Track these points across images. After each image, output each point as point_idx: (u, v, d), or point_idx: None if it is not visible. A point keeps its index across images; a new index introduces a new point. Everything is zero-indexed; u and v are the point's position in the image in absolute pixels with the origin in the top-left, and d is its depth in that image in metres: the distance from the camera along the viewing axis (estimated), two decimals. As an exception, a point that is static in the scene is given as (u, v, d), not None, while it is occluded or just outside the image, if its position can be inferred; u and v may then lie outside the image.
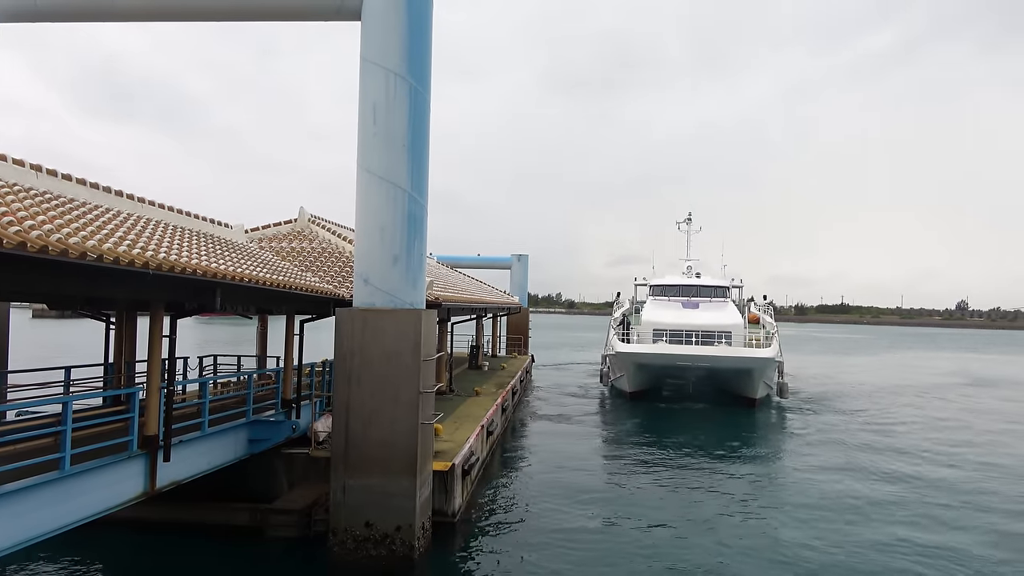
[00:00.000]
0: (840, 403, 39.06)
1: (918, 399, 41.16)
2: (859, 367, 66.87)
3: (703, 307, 41.82)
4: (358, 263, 14.36)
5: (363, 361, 13.81)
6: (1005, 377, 59.48)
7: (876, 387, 47.90)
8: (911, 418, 33.74)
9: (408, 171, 14.20)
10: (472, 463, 17.91)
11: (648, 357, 35.44)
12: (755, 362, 34.35)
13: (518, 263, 57.15)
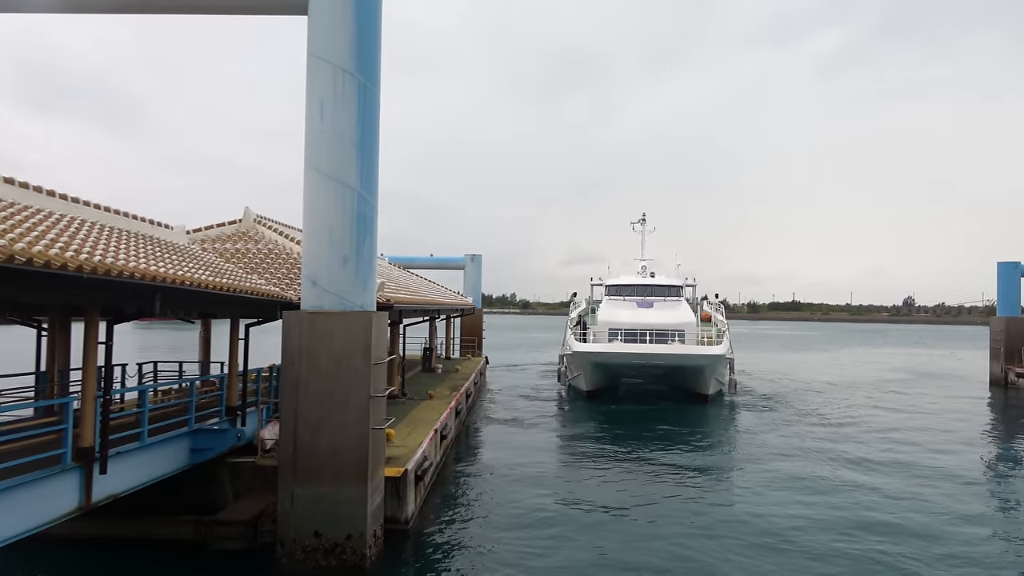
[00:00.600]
0: (790, 399, 40.15)
1: (869, 395, 42.45)
2: (811, 364, 68.70)
3: (657, 306, 42.66)
4: (306, 264, 14.20)
5: (311, 365, 13.67)
6: (950, 370, 61.83)
7: (827, 383, 49.28)
8: (863, 414, 34.82)
9: (357, 169, 14.08)
10: (425, 468, 17.83)
11: (604, 356, 36.01)
12: (706, 359, 35.21)
13: (471, 263, 57.10)
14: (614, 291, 45.88)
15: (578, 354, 36.75)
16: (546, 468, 22.14)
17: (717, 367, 36.66)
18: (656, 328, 37.94)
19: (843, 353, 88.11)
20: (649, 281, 46.34)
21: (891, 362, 72.03)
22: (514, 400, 37.83)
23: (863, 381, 51.21)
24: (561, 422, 31.62)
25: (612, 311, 41.39)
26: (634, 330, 37.76)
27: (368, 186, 14.33)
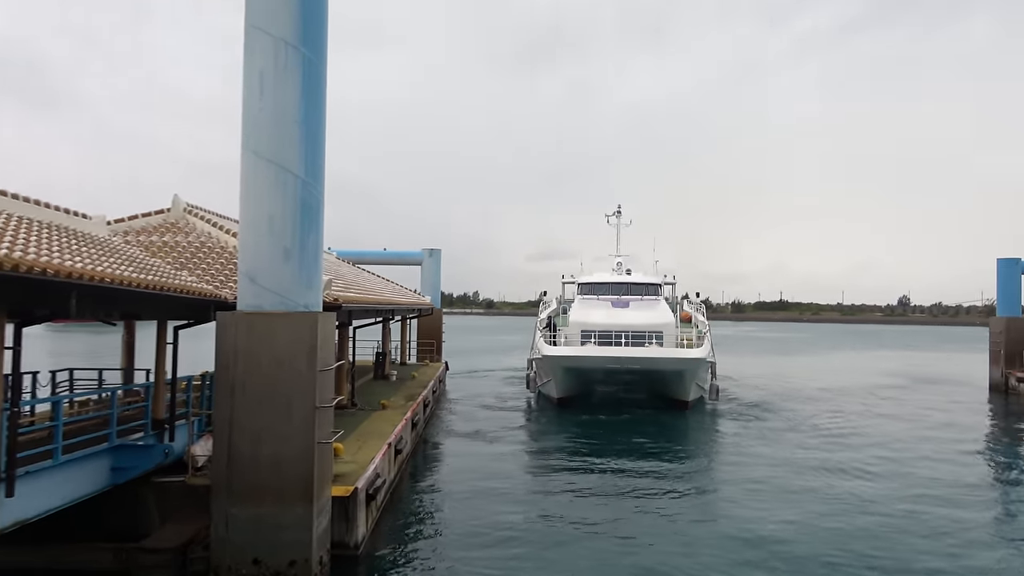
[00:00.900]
0: (777, 406, 40.85)
1: (863, 402, 43.33)
2: (800, 368, 69.97)
3: (634, 306, 43.22)
4: (243, 259, 14.08)
5: (249, 372, 13.58)
6: (948, 375, 63.49)
7: (817, 389, 50.29)
8: (856, 423, 35.57)
9: (301, 152, 13.99)
10: (378, 487, 17.78)
11: (576, 360, 36.44)
12: (686, 363, 35.90)
13: (430, 258, 57.04)
14: (587, 290, 46.40)
15: (548, 358, 37.08)
16: (512, 485, 22.24)
17: (698, 372, 37.24)
18: (632, 330, 38.46)
19: (834, 356, 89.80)
20: (625, 279, 46.95)
21: (885, 366, 73.73)
22: (477, 410, 37.87)
23: (856, 387, 52.31)
24: (529, 434, 31.72)
25: (585, 311, 41.85)
26: (609, 332, 38.18)
27: (313, 171, 14.24)
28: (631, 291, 45.82)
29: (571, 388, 39.08)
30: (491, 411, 37.69)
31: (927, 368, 71.95)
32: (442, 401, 40.69)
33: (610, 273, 49.54)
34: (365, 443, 20.59)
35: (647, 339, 38.10)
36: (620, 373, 37.57)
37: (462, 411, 37.33)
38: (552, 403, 39.71)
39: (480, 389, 46.89)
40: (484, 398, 42.51)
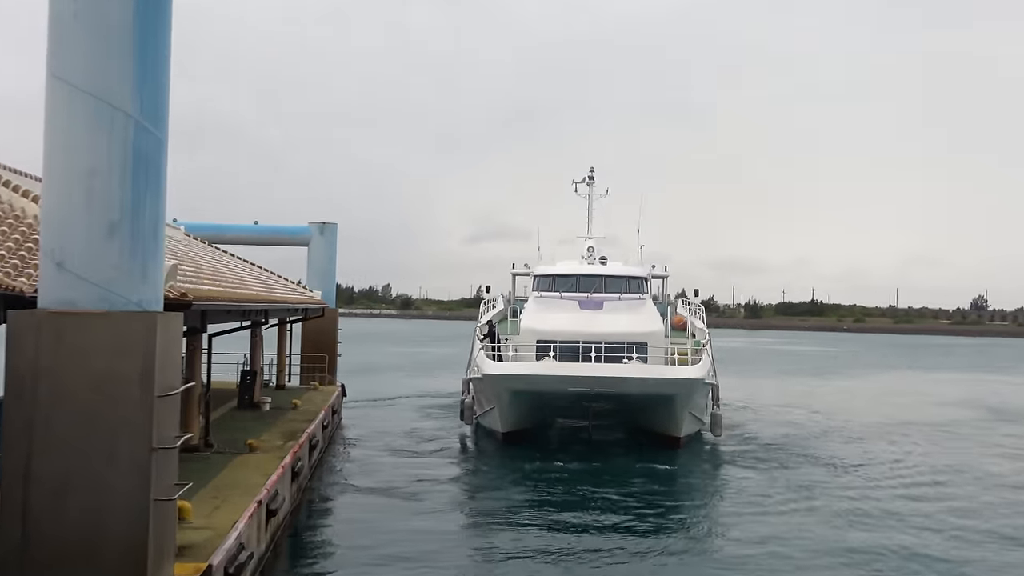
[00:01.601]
0: (805, 448, 41.58)
1: (926, 448, 43.91)
2: (838, 394, 71.46)
3: (609, 308, 44.04)
4: (47, 235, 13.90)
5: (55, 396, 13.43)
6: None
7: (861, 425, 51.22)
8: (916, 476, 36.17)
9: (134, 81, 13.85)
10: (242, 563, 17.67)
11: (529, 381, 36.99)
12: (678, 385, 36.88)
13: (321, 237, 56.59)
14: (546, 284, 47.22)
15: (490, 378, 37.66)
16: (434, 564, 22.19)
17: (693, 397, 38.26)
18: (607, 340, 39.09)
19: (887, 378, 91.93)
20: (598, 270, 47.83)
21: (955, 393, 75.74)
22: (387, 454, 37.81)
23: (916, 422, 53.49)
24: (461, 488, 31.75)
25: (542, 314, 42.57)
26: (574, 342, 38.65)
27: (152, 110, 14.13)
28: (606, 287, 46.68)
29: (521, 419, 39.74)
30: (407, 455, 37.69)
31: (1014, 398, 73.75)
32: (336, 441, 40.70)
33: (578, 262, 50.05)
34: (225, 501, 20.41)
35: (626, 352, 38.81)
36: (589, 399, 38.09)
37: (365, 456, 37.21)
38: (495, 440, 40.14)
39: (392, 423, 46.93)
40: (397, 436, 42.57)
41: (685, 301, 52.06)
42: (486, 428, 42.29)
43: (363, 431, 43.99)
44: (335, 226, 57.25)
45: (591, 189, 55.18)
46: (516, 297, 53.36)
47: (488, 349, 40.34)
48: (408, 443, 40.82)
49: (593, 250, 51.33)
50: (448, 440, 41.76)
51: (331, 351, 53.41)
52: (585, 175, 55.64)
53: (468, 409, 42.04)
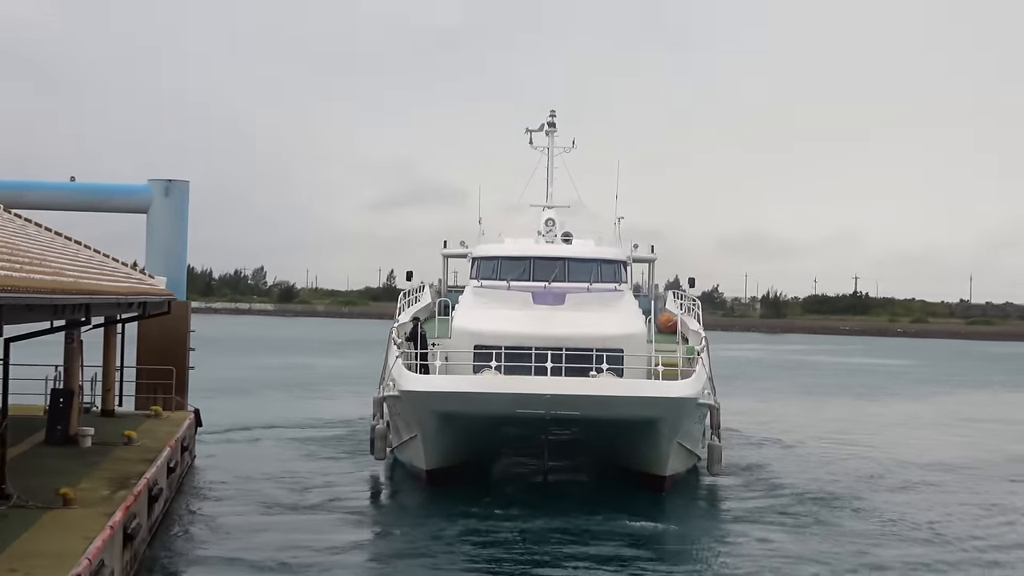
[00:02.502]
0: (845, 496, 41.79)
1: (1014, 500, 44.09)
2: (889, 422, 72.55)
3: (574, 302, 45.18)
4: None
5: None
6: None
7: (925, 465, 51.56)
8: (1005, 536, 36.22)
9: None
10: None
11: (463, 401, 37.45)
12: (662, 406, 37.57)
13: (166, 201, 55.57)
14: (490, 269, 48.50)
15: (411, 397, 38.34)
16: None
17: (682, 422, 38.90)
18: (569, 345, 40.20)
19: (955, 400, 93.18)
20: (561, 251, 49.27)
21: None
22: (259, 509, 37.40)
23: (998, 460, 53.89)
24: (368, 556, 31.70)
25: (482, 311, 43.96)
26: (525, 349, 39.50)
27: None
28: (570, 273, 47.75)
29: (452, 453, 40.31)
30: (287, 511, 37.29)
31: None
32: (187, 491, 40.34)
33: (533, 240, 51.21)
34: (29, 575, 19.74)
35: (595, 363, 39.51)
36: (544, 426, 38.58)
37: (227, 512, 36.75)
38: (417, 482, 40.66)
39: (267, 464, 46.78)
40: (274, 482, 42.34)
41: (678, 294, 52.28)
42: (405, 466, 42.74)
43: (225, 475, 43.53)
44: (186, 185, 56.23)
45: (551, 140, 55.83)
46: (449, 287, 53.45)
47: (408, 357, 40.47)
48: (289, 492, 40.42)
49: (553, 223, 52.11)
50: (346, 486, 41.64)
51: (180, 362, 52.51)
52: (543, 121, 56.24)
53: (380, 439, 42.22)
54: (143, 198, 55.74)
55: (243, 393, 78.65)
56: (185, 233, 56.20)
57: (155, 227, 55.55)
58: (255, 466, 45.94)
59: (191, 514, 36.25)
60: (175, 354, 52.38)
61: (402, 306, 48.58)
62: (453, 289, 52.59)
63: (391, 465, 43.39)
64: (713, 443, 40.65)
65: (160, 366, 51.07)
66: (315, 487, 41.43)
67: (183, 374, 52.44)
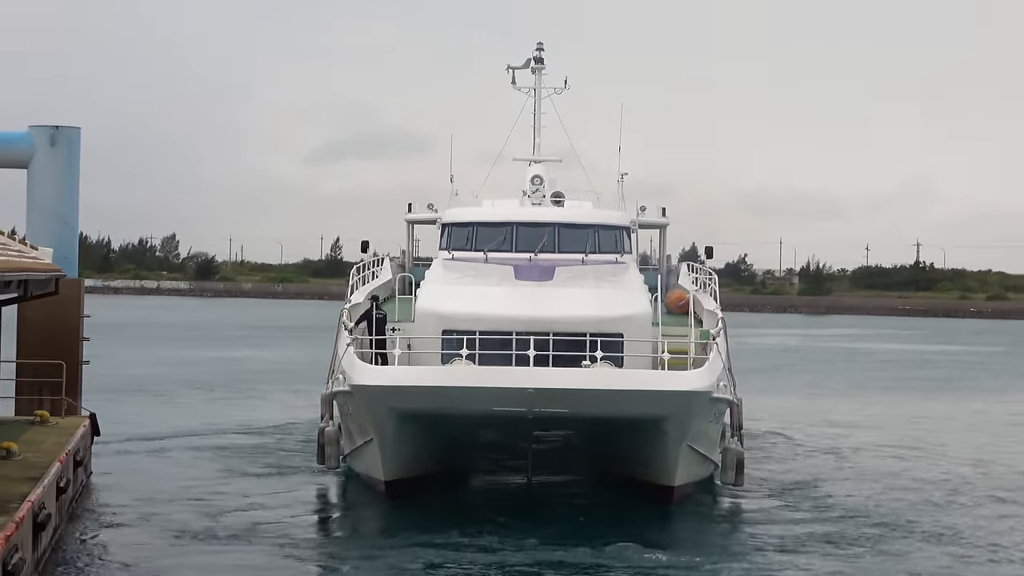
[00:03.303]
0: (906, 514, 42.14)
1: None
2: (962, 426, 72.95)
3: (565, 277, 45.98)
4: None
5: None
6: None
7: (1011, 479, 51.88)
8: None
9: None
10: None
11: (428, 397, 38.47)
12: (668, 402, 38.33)
13: (51, 151, 55.51)
14: (463, 238, 49.69)
15: (365, 392, 39.09)
16: None
17: (693, 420, 39.46)
18: (557, 330, 40.90)
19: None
20: (549, 215, 50.37)
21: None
22: (170, 538, 37.47)
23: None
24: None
25: (453, 288, 44.76)
26: (504, 334, 40.38)
27: None
28: (561, 242, 48.98)
29: (416, 460, 41.26)
30: (211, 538, 37.36)
31: None
32: (82, 516, 40.40)
33: (518, 202, 52.46)
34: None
35: (589, 350, 39.81)
36: (528, 426, 39.70)
37: (132, 543, 36.88)
38: (373, 495, 41.53)
39: (181, 481, 47.00)
40: (194, 503, 42.55)
41: (692, 266, 52.71)
42: (358, 476, 43.55)
43: (129, 496, 43.57)
44: (77, 132, 56.24)
45: (538, 79, 56.61)
46: (416, 260, 53.81)
47: (361, 345, 41.18)
48: (208, 516, 40.45)
49: (541, 182, 52.75)
50: (281, 508, 41.76)
51: (71, 356, 52.39)
52: (529, 56, 56.90)
53: (331, 444, 42.42)
54: (22, 149, 55.52)
55: (150, 394, 78.70)
56: (76, 193, 56.07)
57: (38, 185, 55.37)
58: (166, 484, 46.03)
59: (86, 545, 36.36)
60: (65, 346, 52.14)
61: (355, 283, 49.07)
62: (420, 262, 52.75)
63: (345, 478, 44.07)
64: (730, 446, 41.00)
65: (46, 360, 51.01)
66: (242, 509, 41.57)
67: (75, 370, 52.29)
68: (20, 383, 50.86)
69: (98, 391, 53.62)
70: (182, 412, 69.58)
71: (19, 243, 46.92)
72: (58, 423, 46.22)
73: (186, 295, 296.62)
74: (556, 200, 51.79)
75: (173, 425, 62.44)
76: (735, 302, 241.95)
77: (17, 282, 40.06)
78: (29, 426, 45.07)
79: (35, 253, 46.08)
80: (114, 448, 52.00)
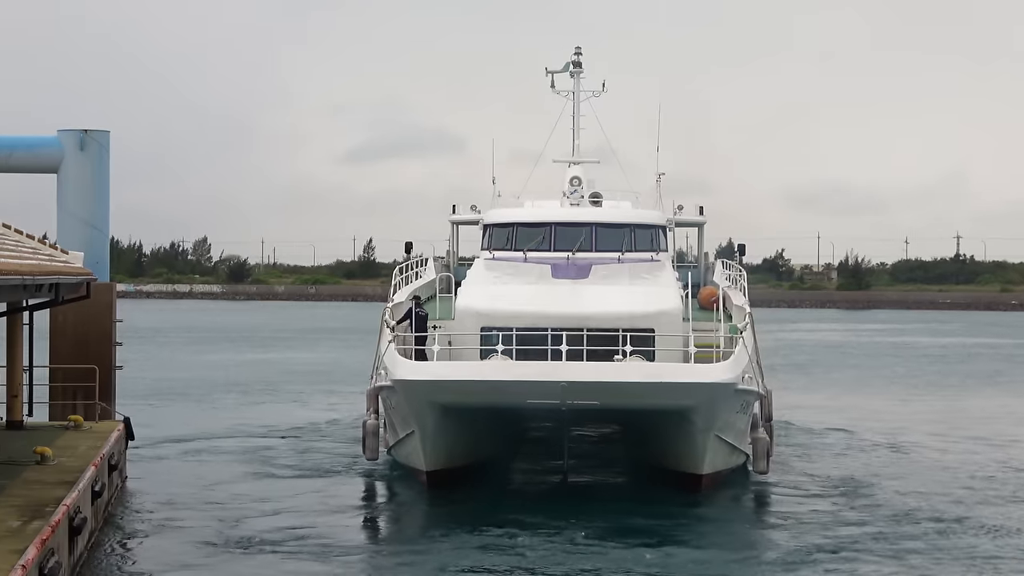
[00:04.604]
0: (947, 511, 41.89)
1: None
2: (1012, 418, 72.71)
3: (600, 275, 47.44)
4: None
5: None
6: None
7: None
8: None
9: None
10: None
11: (466, 391, 39.99)
12: (694, 393, 40.01)
13: (81, 156, 55.51)
14: (503, 239, 51.32)
15: (406, 387, 40.40)
16: None
17: (719, 411, 41.04)
18: (591, 325, 41.72)
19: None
20: (586, 215, 51.85)
21: None
22: (213, 540, 37.35)
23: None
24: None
25: (492, 287, 46.17)
26: (539, 330, 41.20)
27: None
28: (598, 241, 50.48)
29: (456, 452, 42.87)
30: (250, 541, 37.26)
31: None
32: (117, 521, 40.32)
33: (556, 202, 53.91)
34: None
35: (621, 344, 40.94)
36: (562, 419, 41.44)
37: (173, 544, 36.95)
38: (416, 485, 42.72)
39: (218, 484, 47.00)
40: (230, 506, 42.58)
41: (727, 263, 53.68)
42: (401, 465, 44.90)
43: (165, 500, 43.59)
44: (106, 136, 56.17)
45: (577, 82, 57.61)
46: (460, 259, 54.85)
47: (405, 342, 42.46)
48: (246, 519, 40.47)
49: (580, 183, 54.14)
50: (317, 510, 41.62)
51: (104, 360, 52.48)
52: (567, 60, 57.81)
53: (371, 435, 43.81)
54: (53, 153, 55.55)
55: (184, 397, 78.87)
56: (106, 197, 56.13)
57: (68, 189, 55.42)
58: (201, 488, 46.15)
59: (123, 550, 36.34)
60: (98, 350, 52.27)
61: (398, 283, 49.97)
62: (465, 262, 53.58)
63: (391, 468, 45.34)
64: (758, 435, 42.68)
65: (79, 365, 51.02)
66: (277, 512, 41.54)
67: (108, 375, 52.44)
68: (54, 388, 50.86)
69: (131, 396, 53.65)
70: (216, 415, 69.94)
71: (50, 247, 47.01)
72: (92, 428, 46.34)
73: (218, 298, 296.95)
74: (594, 200, 53.19)
75: (207, 428, 62.61)
76: (773, 298, 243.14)
77: (49, 285, 40.16)
78: (63, 431, 45.22)
79: (66, 257, 46.16)
80: (148, 453, 52.18)
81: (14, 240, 42.74)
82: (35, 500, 31.62)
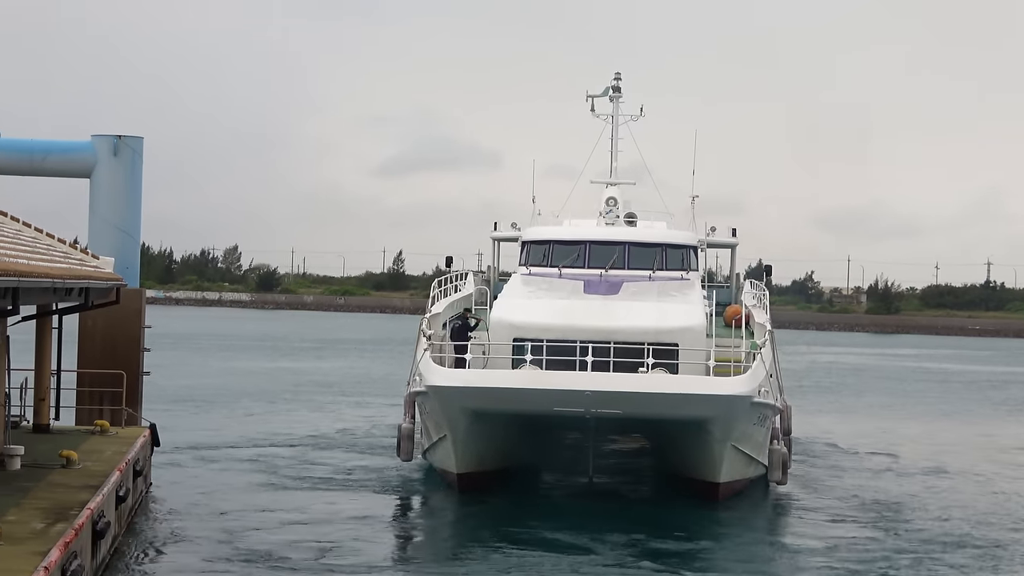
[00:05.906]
0: (973, 531, 41.99)
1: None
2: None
3: (630, 292, 48.81)
4: None
5: None
6: None
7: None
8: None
9: None
10: None
11: (496, 397, 41.46)
12: (712, 405, 41.52)
13: (114, 162, 55.64)
14: (540, 255, 52.68)
15: (439, 393, 42.19)
16: None
17: (737, 423, 42.75)
18: (618, 339, 42.87)
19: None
20: (620, 234, 53.15)
21: None
22: (237, 548, 37.49)
23: None
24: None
25: (525, 301, 47.38)
26: (569, 343, 42.13)
27: None
28: (631, 259, 51.77)
29: (487, 456, 44.68)
30: (275, 549, 37.30)
31: None
32: (142, 526, 40.46)
33: (592, 222, 55.63)
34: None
35: (646, 357, 42.12)
36: (587, 427, 43.11)
37: (196, 552, 36.99)
38: (450, 487, 43.99)
39: (244, 492, 47.10)
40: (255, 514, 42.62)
41: (755, 285, 55.09)
42: (434, 468, 46.26)
43: (189, 507, 43.72)
44: (139, 142, 56.28)
45: (616, 107, 58.94)
46: (501, 274, 55.93)
47: (441, 352, 43.74)
48: (271, 527, 40.54)
49: (615, 203, 55.30)
50: (348, 524, 41.26)
51: (132, 366, 52.61)
52: (607, 85, 59.12)
53: (406, 439, 45.73)
54: (86, 158, 55.71)
55: (211, 404, 78.82)
56: (138, 203, 56.28)
57: (100, 195, 55.57)
58: (226, 495, 46.21)
59: (146, 555, 36.39)
60: (125, 356, 52.41)
61: (435, 295, 51.10)
62: (505, 278, 54.66)
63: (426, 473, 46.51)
64: (775, 447, 43.83)
65: (107, 370, 51.12)
66: (306, 523, 41.42)
67: (135, 380, 52.53)
68: (81, 393, 50.88)
69: (158, 402, 53.75)
70: (242, 423, 70.02)
71: (81, 252, 47.13)
72: (118, 433, 46.34)
73: (247, 307, 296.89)
74: (629, 220, 54.45)
75: (233, 436, 62.68)
76: (801, 320, 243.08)
77: (79, 290, 40.34)
78: (89, 436, 45.22)
79: (96, 262, 46.31)
80: (174, 459, 52.23)
81: (45, 244, 42.94)
82: (59, 503, 31.63)
